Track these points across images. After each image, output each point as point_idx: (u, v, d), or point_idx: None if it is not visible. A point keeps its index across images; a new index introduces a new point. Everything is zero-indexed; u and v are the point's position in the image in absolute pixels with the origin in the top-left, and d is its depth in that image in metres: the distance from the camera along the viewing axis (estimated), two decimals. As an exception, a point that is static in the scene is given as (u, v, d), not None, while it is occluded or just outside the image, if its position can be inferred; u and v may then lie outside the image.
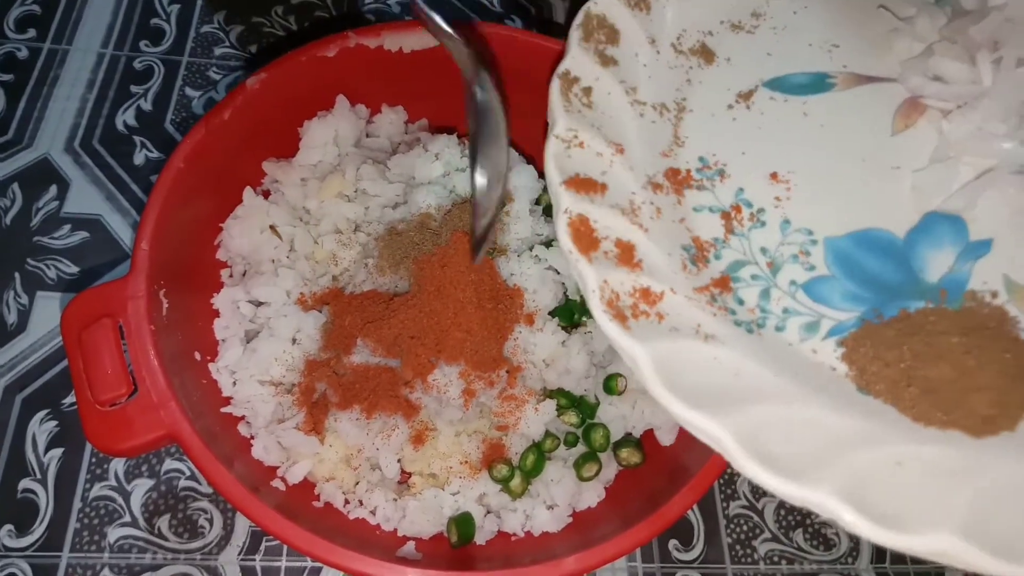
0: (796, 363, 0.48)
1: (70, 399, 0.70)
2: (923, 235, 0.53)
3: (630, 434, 0.66)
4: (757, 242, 0.54)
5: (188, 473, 0.68)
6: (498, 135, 0.57)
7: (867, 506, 0.39)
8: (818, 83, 0.61)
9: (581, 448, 0.65)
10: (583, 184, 0.51)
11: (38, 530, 0.64)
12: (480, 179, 0.56)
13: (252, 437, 0.61)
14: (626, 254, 0.50)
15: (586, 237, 0.49)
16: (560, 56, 0.57)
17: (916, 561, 0.73)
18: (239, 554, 0.66)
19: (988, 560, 0.37)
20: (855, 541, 0.73)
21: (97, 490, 0.66)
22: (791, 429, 0.43)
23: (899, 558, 0.73)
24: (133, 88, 0.86)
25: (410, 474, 0.63)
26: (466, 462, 0.61)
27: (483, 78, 0.57)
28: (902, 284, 0.52)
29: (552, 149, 0.52)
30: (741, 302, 0.51)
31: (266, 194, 0.69)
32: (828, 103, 0.60)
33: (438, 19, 0.58)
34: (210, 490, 0.67)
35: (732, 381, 0.46)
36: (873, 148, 0.57)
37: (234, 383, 0.62)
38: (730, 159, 0.57)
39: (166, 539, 0.65)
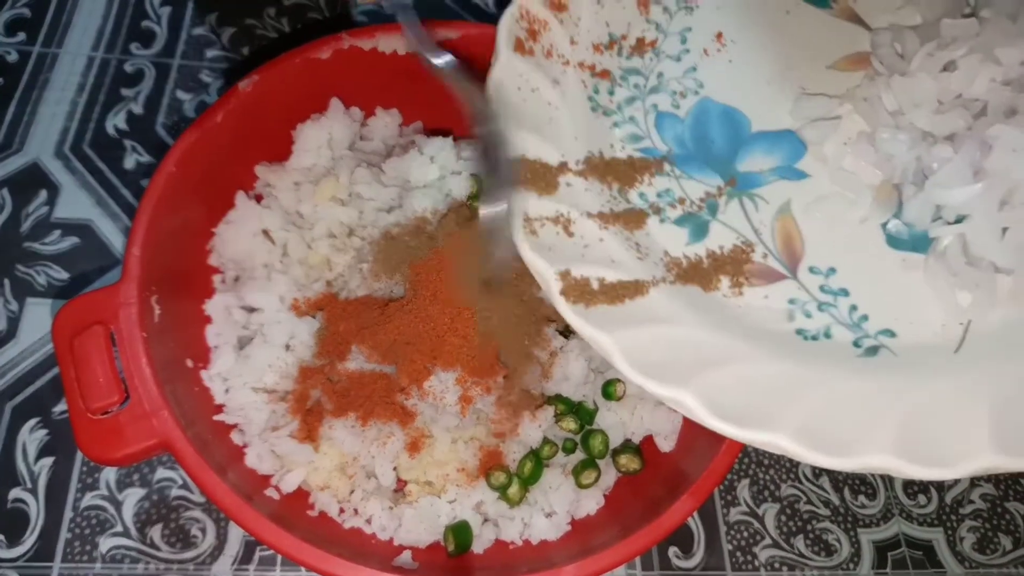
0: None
1: (61, 407, 0.69)
2: (769, 139, 0.61)
3: (629, 440, 0.65)
4: (661, 68, 0.63)
5: (180, 482, 0.67)
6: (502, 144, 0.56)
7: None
8: None
9: (580, 455, 0.64)
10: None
11: (29, 540, 0.63)
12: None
13: (245, 445, 0.60)
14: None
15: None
16: None
17: (917, 566, 0.72)
18: (232, 564, 0.65)
19: (909, 467, 0.43)
20: (856, 547, 0.72)
21: (88, 499, 0.65)
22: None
23: (900, 564, 0.72)
24: (124, 91, 0.85)
25: (406, 482, 0.62)
26: (463, 469, 0.61)
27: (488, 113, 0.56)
28: (716, 156, 0.60)
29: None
30: (611, 93, 0.62)
31: (259, 198, 0.68)
32: (814, 15, 0.65)
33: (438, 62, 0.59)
34: (203, 499, 0.67)
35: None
36: (804, 63, 0.63)
37: (227, 390, 0.61)
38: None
39: (158, 549, 0.64)
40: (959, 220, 0.53)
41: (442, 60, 0.58)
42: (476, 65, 0.66)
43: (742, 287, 0.55)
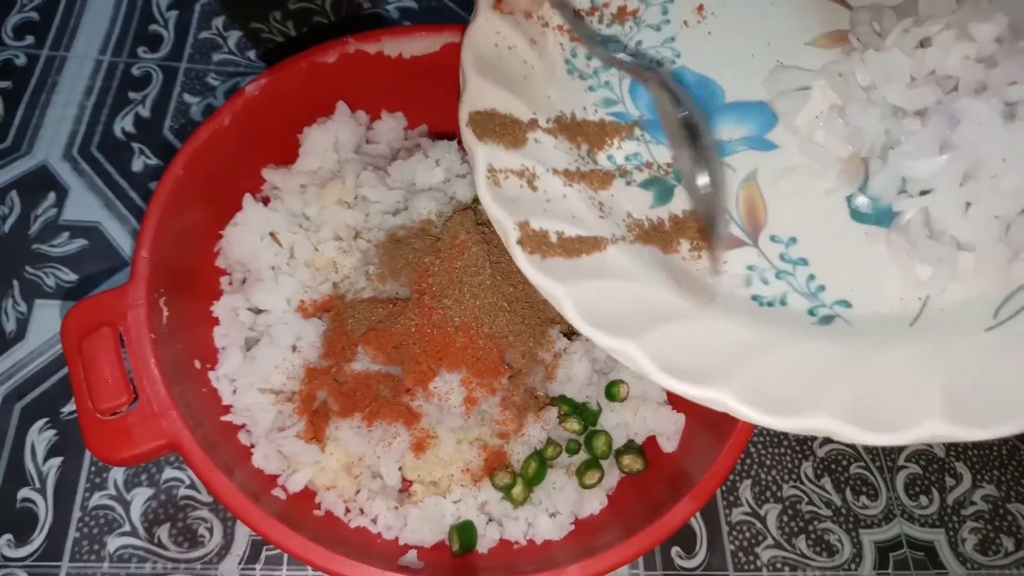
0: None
1: (69, 407, 0.69)
2: (741, 109, 0.61)
3: (632, 441, 0.65)
4: (640, 36, 0.64)
5: (188, 482, 0.68)
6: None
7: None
8: None
9: (583, 455, 0.64)
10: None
11: (37, 539, 0.64)
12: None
13: (252, 446, 0.61)
14: None
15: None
16: None
17: (919, 567, 0.73)
18: (239, 563, 0.65)
19: (856, 431, 0.44)
20: (858, 548, 0.73)
21: (96, 499, 0.66)
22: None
23: (902, 564, 0.73)
24: (131, 94, 0.86)
25: (411, 482, 0.62)
26: (467, 470, 0.61)
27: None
28: None
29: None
30: (588, 58, 0.62)
31: (266, 201, 0.69)
32: None
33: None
34: (210, 499, 0.67)
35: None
36: (784, 39, 0.63)
37: (234, 391, 0.62)
38: None
39: (166, 548, 0.65)
40: (923, 194, 0.54)
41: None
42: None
43: (701, 251, 0.55)
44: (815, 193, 0.58)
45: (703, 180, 0.55)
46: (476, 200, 0.67)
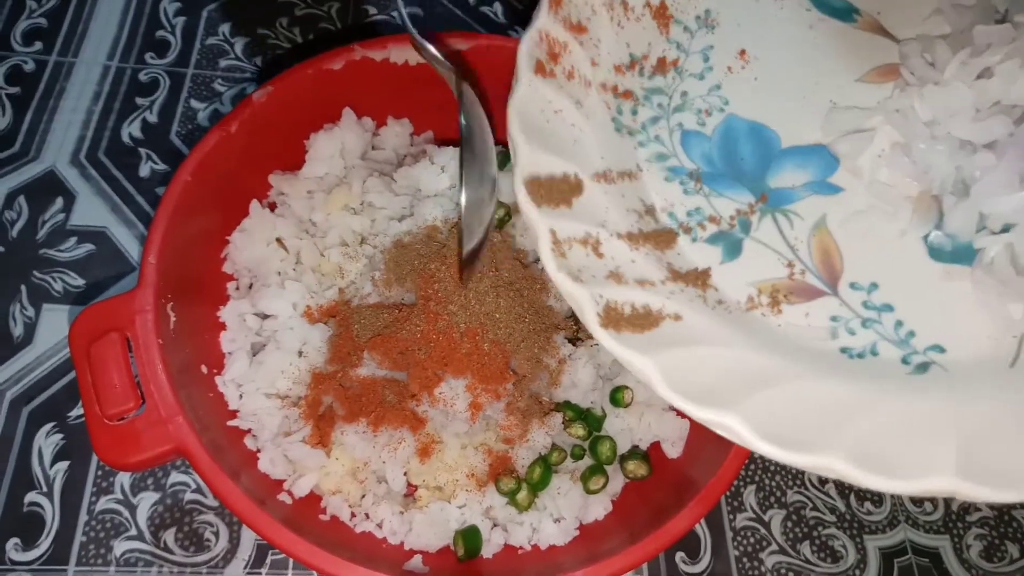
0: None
1: (76, 412, 0.70)
2: (800, 154, 0.59)
3: (637, 446, 0.65)
4: (685, 86, 0.62)
5: (194, 486, 0.68)
6: (483, 156, 0.58)
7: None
8: (845, 12, 0.65)
9: (588, 461, 0.65)
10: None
11: (44, 543, 0.64)
12: (465, 199, 0.55)
13: (258, 450, 0.61)
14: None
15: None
16: None
17: (923, 573, 0.72)
18: (245, 567, 0.65)
19: (976, 489, 0.42)
20: (862, 554, 0.73)
21: (103, 503, 0.66)
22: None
23: (907, 571, 0.72)
24: (139, 100, 0.86)
25: (416, 487, 0.62)
26: (472, 475, 0.61)
27: (464, 100, 0.58)
28: (746, 172, 0.59)
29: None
30: (635, 112, 0.60)
31: (272, 207, 0.69)
32: (838, 29, 0.64)
33: (431, 48, 0.61)
34: (216, 503, 0.67)
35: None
36: (831, 77, 0.62)
37: (240, 396, 0.62)
38: (724, 18, 0.65)
39: (172, 553, 0.65)
40: (1006, 229, 0.52)
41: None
42: (487, 75, 0.67)
43: (780, 304, 0.53)
44: (889, 235, 0.56)
45: (461, 198, 0.55)
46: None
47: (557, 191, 0.53)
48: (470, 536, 0.60)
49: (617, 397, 0.64)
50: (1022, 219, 0.51)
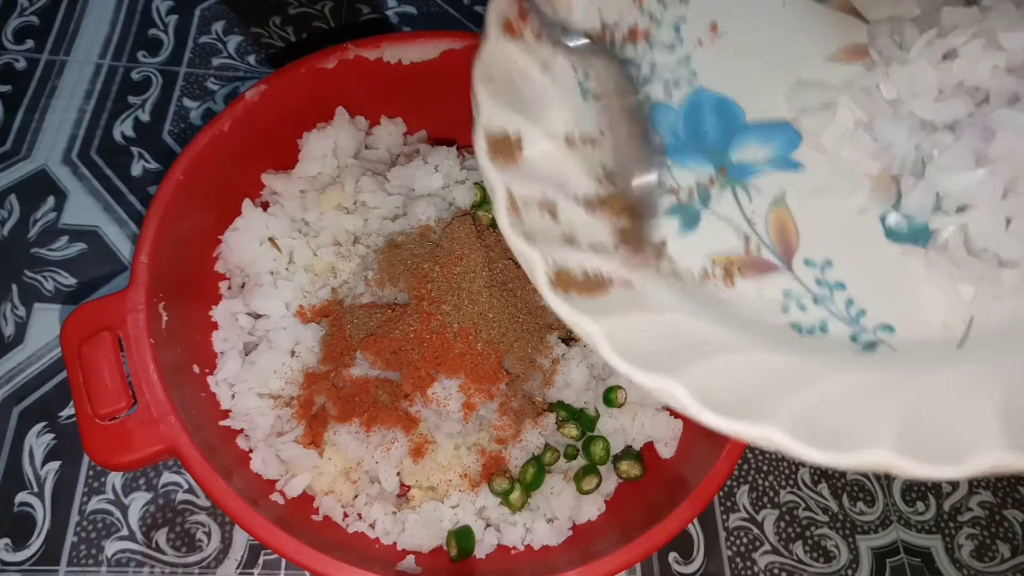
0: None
1: (67, 411, 0.69)
2: (763, 129, 0.59)
3: (630, 447, 0.65)
4: (654, 57, 0.61)
5: (186, 486, 0.68)
6: None
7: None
8: None
9: (581, 461, 0.65)
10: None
11: (35, 544, 0.64)
12: None
13: (251, 450, 0.61)
14: None
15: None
16: None
17: (915, 573, 0.73)
18: (237, 568, 0.65)
19: (913, 465, 0.41)
20: (855, 554, 0.73)
21: (95, 503, 0.66)
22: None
23: (899, 571, 0.73)
24: (131, 99, 0.86)
25: (409, 487, 0.62)
26: (465, 475, 0.61)
27: None
28: (709, 145, 0.59)
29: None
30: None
31: (265, 206, 0.69)
32: (810, 8, 0.63)
33: None
34: (208, 503, 0.67)
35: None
36: (802, 54, 0.61)
37: (233, 396, 0.62)
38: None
39: (164, 553, 0.65)
40: (960, 211, 0.52)
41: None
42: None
43: (733, 277, 0.54)
44: (847, 213, 0.56)
45: (649, 178, 0.55)
46: (475, 206, 0.67)
47: (516, 151, 0.53)
48: (463, 536, 0.60)
49: (610, 397, 0.64)
50: (976, 199, 0.51)
